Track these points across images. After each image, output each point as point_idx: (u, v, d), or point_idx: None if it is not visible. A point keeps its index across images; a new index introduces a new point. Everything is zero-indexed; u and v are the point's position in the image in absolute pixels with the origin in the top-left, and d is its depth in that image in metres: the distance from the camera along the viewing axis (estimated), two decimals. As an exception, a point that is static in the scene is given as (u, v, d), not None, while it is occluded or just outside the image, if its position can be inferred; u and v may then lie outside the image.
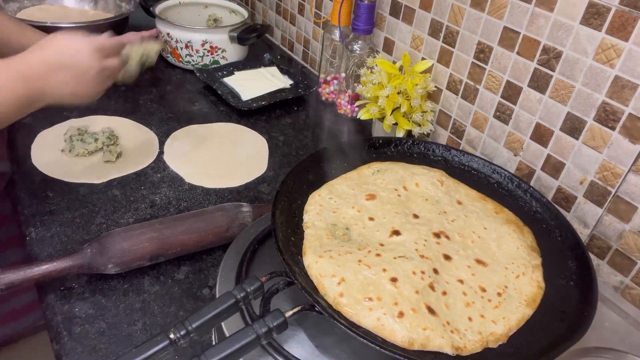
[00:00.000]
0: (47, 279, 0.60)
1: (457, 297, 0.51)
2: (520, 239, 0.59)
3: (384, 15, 0.99)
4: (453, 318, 0.49)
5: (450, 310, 0.49)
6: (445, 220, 0.60)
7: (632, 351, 0.51)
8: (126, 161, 0.87)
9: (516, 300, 0.52)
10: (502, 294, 0.52)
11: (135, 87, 1.10)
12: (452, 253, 0.56)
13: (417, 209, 0.61)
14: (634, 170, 0.64)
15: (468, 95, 0.86)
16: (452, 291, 0.51)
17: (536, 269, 0.56)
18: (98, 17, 1.17)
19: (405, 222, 0.58)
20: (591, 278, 0.53)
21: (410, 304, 0.47)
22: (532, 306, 0.52)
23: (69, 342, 0.58)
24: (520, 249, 0.58)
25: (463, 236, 0.59)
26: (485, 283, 0.53)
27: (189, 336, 0.45)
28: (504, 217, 0.63)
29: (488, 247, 0.58)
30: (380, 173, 0.66)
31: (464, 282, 0.53)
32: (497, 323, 0.49)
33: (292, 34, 1.34)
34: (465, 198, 0.65)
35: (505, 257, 0.57)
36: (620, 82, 0.63)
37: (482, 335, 0.48)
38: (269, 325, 0.44)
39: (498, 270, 0.55)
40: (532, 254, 0.58)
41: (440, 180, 0.65)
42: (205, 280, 0.67)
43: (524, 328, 0.50)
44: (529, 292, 0.53)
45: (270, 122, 1.04)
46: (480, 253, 0.57)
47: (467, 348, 0.47)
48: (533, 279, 0.54)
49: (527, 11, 0.72)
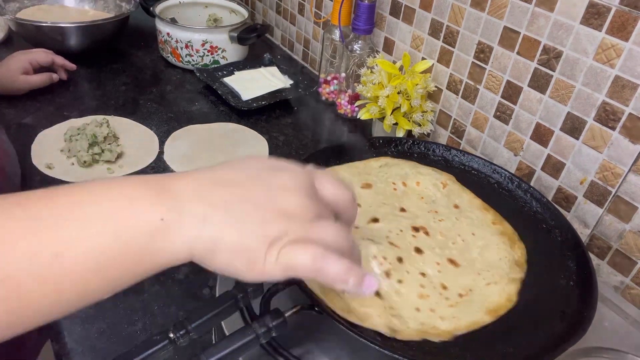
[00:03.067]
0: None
1: (412, 288, 0.51)
2: (507, 251, 0.58)
3: (384, 15, 0.99)
4: (400, 305, 0.49)
5: (400, 297, 0.50)
6: (432, 219, 0.60)
7: (632, 351, 0.51)
8: (126, 161, 0.87)
9: (477, 305, 0.51)
10: (463, 296, 0.52)
11: (135, 87, 1.10)
12: (425, 248, 0.56)
13: (408, 204, 0.62)
14: (634, 170, 0.64)
15: (468, 95, 0.86)
16: (409, 281, 0.51)
17: (512, 283, 0.54)
18: (98, 17, 1.17)
19: (388, 213, 0.59)
20: (591, 278, 0.53)
21: None
22: (492, 315, 0.51)
23: (69, 342, 0.58)
24: (502, 260, 0.57)
25: (445, 236, 0.58)
26: (450, 282, 0.53)
27: (188, 335, 0.45)
28: (500, 229, 0.62)
29: (469, 251, 0.57)
30: (387, 167, 0.67)
31: (426, 276, 0.53)
32: (444, 320, 0.49)
33: (292, 33, 1.34)
34: (466, 204, 0.64)
35: (483, 264, 0.56)
36: (621, 82, 0.63)
37: (424, 326, 0.48)
38: (268, 324, 0.44)
39: (469, 273, 0.55)
40: (514, 267, 0.57)
41: (443, 183, 0.65)
42: (205, 280, 0.67)
43: (523, 328, 0.50)
44: (495, 301, 0.52)
45: (270, 122, 1.04)
46: (457, 254, 0.56)
47: (404, 333, 0.47)
48: (504, 291, 0.53)
49: (527, 11, 0.72)
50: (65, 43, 1.11)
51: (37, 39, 1.10)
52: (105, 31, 1.16)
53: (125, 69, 1.17)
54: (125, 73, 1.15)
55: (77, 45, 1.12)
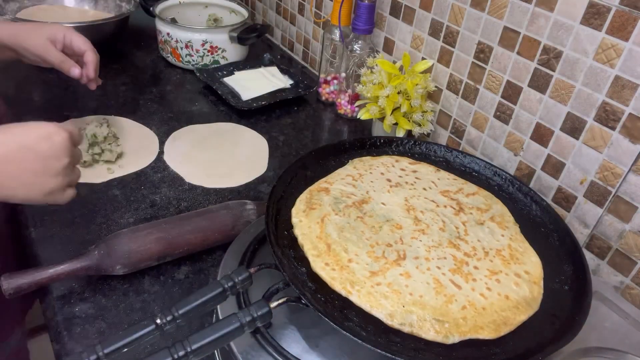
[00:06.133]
0: (55, 281, 0.60)
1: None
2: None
3: (384, 15, 0.99)
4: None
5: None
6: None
7: (632, 351, 0.51)
8: (126, 161, 0.87)
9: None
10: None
11: (135, 87, 1.10)
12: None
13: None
14: (634, 170, 0.64)
15: (468, 95, 0.86)
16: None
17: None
18: (98, 17, 1.17)
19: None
20: (586, 283, 0.53)
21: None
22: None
23: (69, 342, 0.58)
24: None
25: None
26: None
27: (175, 322, 0.46)
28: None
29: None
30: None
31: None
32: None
33: (292, 34, 1.34)
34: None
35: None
36: (621, 82, 0.63)
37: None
38: (253, 314, 0.45)
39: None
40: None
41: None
42: (205, 280, 0.67)
43: (513, 330, 0.49)
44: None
45: (270, 122, 1.04)
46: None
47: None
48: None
49: (527, 11, 0.72)
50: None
51: (37, 39, 1.10)
52: (105, 31, 1.16)
53: (125, 69, 1.17)
54: (125, 73, 1.15)
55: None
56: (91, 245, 0.63)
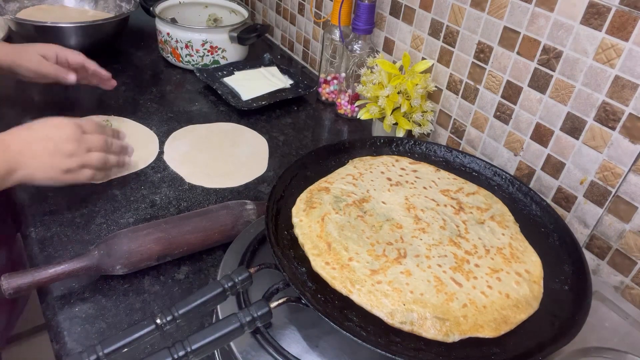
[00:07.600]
0: (55, 281, 0.60)
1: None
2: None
3: (384, 15, 0.99)
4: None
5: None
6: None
7: (632, 351, 0.51)
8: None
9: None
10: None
11: (135, 87, 1.10)
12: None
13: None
14: (634, 170, 0.64)
15: (468, 95, 0.86)
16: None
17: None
18: (98, 17, 1.17)
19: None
20: (586, 283, 0.53)
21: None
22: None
23: (69, 342, 0.58)
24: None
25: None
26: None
27: (175, 322, 0.46)
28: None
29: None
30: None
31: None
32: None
33: (292, 33, 1.34)
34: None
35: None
36: (621, 82, 0.63)
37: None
38: (253, 314, 0.45)
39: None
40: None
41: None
42: (205, 280, 0.67)
43: (512, 330, 0.49)
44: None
45: (270, 122, 1.04)
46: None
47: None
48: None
49: (527, 11, 0.72)
50: (65, 43, 1.10)
51: (37, 39, 1.10)
52: (105, 31, 1.16)
53: (125, 69, 1.17)
54: (125, 73, 1.15)
55: (77, 45, 1.12)
56: (91, 245, 0.63)
